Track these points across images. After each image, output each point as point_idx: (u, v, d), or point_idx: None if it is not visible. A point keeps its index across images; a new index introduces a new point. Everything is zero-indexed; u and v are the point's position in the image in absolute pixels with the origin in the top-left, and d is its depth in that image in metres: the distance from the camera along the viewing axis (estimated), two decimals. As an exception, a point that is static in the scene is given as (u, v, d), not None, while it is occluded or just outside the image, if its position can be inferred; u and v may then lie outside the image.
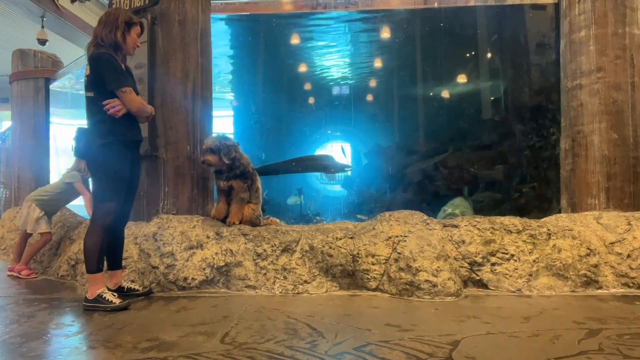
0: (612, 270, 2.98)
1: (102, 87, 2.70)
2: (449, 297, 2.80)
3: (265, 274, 3.08)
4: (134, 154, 2.91)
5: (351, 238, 3.13)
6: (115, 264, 2.97)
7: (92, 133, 2.76)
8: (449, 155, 6.43)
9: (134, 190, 3.00)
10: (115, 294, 2.75)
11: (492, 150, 6.15)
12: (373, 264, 3.00)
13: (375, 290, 2.99)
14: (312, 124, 8.03)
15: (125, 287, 2.96)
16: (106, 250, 2.86)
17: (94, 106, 2.73)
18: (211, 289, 3.11)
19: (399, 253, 2.96)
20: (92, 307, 2.66)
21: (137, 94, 2.90)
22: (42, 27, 8.63)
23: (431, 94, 7.42)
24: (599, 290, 2.93)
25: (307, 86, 7.84)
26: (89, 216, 2.97)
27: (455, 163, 6.31)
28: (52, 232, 3.94)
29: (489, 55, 6.65)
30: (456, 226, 3.15)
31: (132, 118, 2.82)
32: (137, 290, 2.97)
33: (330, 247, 3.08)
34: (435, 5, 4.10)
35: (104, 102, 2.69)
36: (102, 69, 2.69)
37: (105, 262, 2.89)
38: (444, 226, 3.16)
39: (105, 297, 2.66)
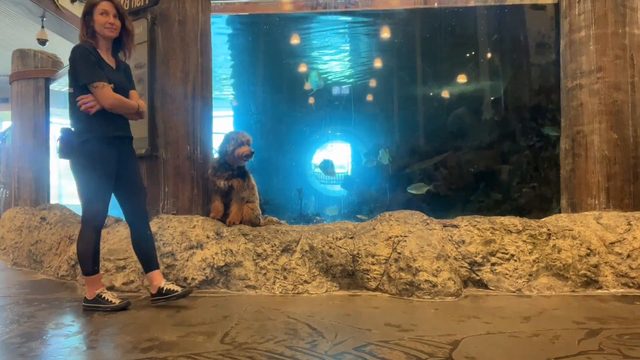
0: (612, 270, 2.98)
1: (79, 82, 2.59)
2: (449, 297, 2.80)
3: (265, 274, 3.08)
4: (120, 150, 2.73)
5: (351, 238, 3.13)
6: (149, 265, 2.81)
7: (71, 132, 2.66)
8: (449, 155, 6.43)
9: (134, 188, 2.82)
10: (114, 293, 2.73)
11: (492, 150, 6.15)
12: (373, 264, 3.00)
13: (375, 290, 2.99)
14: (312, 124, 8.03)
15: (165, 288, 2.74)
16: (136, 253, 2.84)
17: (72, 102, 2.63)
18: (211, 289, 3.11)
19: (399, 253, 2.96)
20: (91, 307, 2.65)
21: (129, 90, 2.76)
22: (42, 27, 8.63)
23: (431, 94, 7.42)
24: (599, 290, 2.93)
25: (307, 86, 7.84)
26: None
27: (455, 163, 6.31)
28: (53, 232, 3.93)
29: (489, 55, 6.65)
30: (456, 226, 3.15)
31: (114, 113, 2.67)
32: (176, 291, 2.74)
33: (330, 247, 3.08)
34: (435, 5, 4.10)
35: (77, 98, 2.59)
36: (74, 63, 2.59)
37: (141, 266, 2.88)
38: (444, 226, 3.16)
39: (104, 297, 2.65)
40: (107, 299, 2.65)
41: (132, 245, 2.87)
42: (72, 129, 2.68)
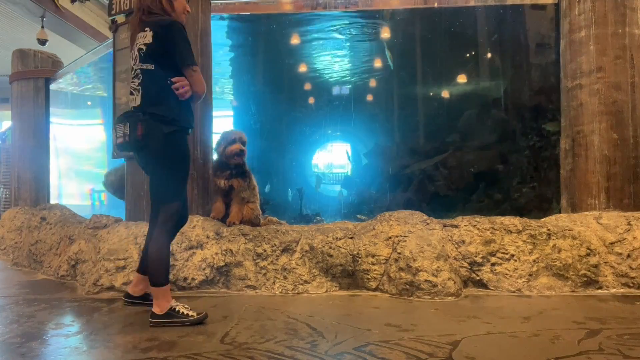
0: (612, 270, 2.98)
1: (168, 60, 2.32)
2: (449, 297, 2.80)
3: (265, 274, 3.08)
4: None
5: (351, 238, 3.13)
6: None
7: (152, 119, 2.31)
8: (449, 155, 6.43)
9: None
10: (186, 305, 2.40)
11: (492, 150, 6.15)
12: (373, 264, 3.00)
13: (375, 290, 2.99)
14: (312, 124, 8.03)
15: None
16: (145, 252, 2.56)
17: (155, 82, 2.33)
18: (211, 289, 3.11)
19: (399, 253, 2.96)
20: (165, 324, 2.31)
21: None
22: (42, 27, 8.64)
23: (431, 94, 7.42)
24: (599, 290, 2.93)
25: (307, 86, 7.84)
26: None
27: (455, 163, 6.31)
28: (52, 232, 3.93)
29: (489, 55, 6.65)
30: (456, 226, 3.15)
31: (189, 102, 2.45)
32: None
33: (330, 247, 3.08)
34: (435, 5, 4.10)
35: (174, 80, 2.30)
36: (175, 39, 2.30)
37: (138, 264, 2.61)
38: (444, 226, 3.16)
39: (179, 311, 2.34)
40: (183, 312, 2.33)
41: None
42: (152, 114, 2.32)
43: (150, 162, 2.41)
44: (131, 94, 2.41)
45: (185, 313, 2.34)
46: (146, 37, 2.35)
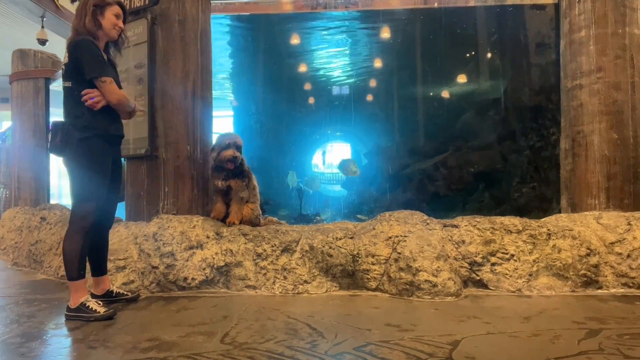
0: (612, 270, 2.98)
1: (81, 76, 2.51)
2: (449, 297, 2.80)
3: (265, 274, 3.08)
4: (115, 151, 2.73)
5: (351, 238, 3.13)
6: (101, 269, 2.80)
7: (70, 127, 2.53)
8: (449, 155, 6.44)
9: (117, 190, 2.81)
10: (99, 302, 2.55)
11: (492, 150, 6.16)
12: (373, 264, 3.00)
13: (375, 290, 2.99)
14: (312, 124, 8.03)
15: (115, 291, 2.83)
16: (90, 255, 2.70)
17: (72, 97, 2.54)
18: (211, 289, 3.11)
19: (399, 253, 2.96)
20: (74, 317, 2.47)
21: (120, 88, 2.69)
22: (42, 27, 8.64)
23: (431, 94, 7.43)
24: (599, 290, 2.93)
25: (307, 86, 7.84)
26: None
27: (455, 163, 6.32)
28: (52, 232, 3.92)
29: (489, 55, 6.66)
30: (456, 226, 3.15)
31: (113, 111, 2.63)
32: (126, 295, 2.85)
33: (330, 247, 3.08)
34: (435, 5, 4.10)
35: (83, 92, 2.50)
36: (81, 56, 2.49)
37: (89, 268, 2.72)
38: (444, 226, 3.16)
39: (88, 306, 2.48)
40: (92, 308, 2.47)
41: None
42: (69, 123, 2.55)
43: (68, 166, 2.58)
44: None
45: (94, 309, 2.47)
46: (65, 57, 2.57)
